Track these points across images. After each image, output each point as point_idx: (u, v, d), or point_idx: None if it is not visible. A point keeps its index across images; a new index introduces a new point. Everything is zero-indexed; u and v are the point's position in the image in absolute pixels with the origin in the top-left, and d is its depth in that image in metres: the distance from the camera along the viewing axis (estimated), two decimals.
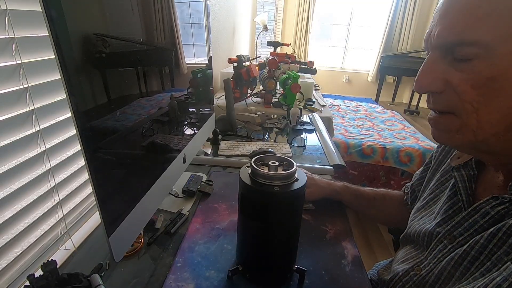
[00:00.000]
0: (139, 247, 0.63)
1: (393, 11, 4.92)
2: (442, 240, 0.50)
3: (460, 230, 0.48)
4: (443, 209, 0.53)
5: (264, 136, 1.34)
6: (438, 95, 0.43)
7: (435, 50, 0.42)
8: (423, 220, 0.58)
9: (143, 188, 0.56)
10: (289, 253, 0.57)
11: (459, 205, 0.50)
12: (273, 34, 5.21)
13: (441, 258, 0.49)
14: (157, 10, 0.64)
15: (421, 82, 0.43)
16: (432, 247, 0.52)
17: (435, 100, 0.44)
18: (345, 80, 5.65)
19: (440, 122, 0.44)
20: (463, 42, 0.38)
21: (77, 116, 0.36)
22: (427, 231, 0.54)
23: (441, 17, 0.40)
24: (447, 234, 0.50)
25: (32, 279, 0.44)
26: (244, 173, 0.52)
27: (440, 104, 0.43)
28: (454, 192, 0.52)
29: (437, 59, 0.42)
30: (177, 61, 0.78)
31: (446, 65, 0.41)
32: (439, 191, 0.58)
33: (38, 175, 0.58)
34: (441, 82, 0.41)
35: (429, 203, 0.60)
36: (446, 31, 0.39)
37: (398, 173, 2.19)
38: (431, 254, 0.51)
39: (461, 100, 0.40)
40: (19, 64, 0.52)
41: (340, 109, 3.41)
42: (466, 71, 0.39)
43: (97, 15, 0.44)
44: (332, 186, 0.80)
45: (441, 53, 0.41)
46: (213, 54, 2.07)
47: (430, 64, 0.42)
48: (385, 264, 0.73)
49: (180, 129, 0.81)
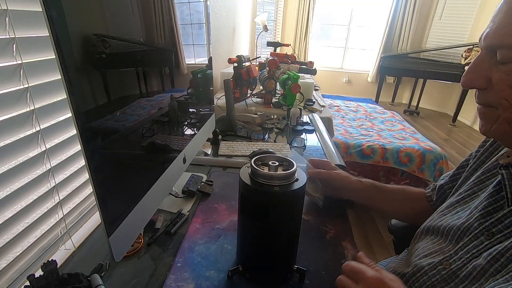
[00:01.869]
0: (139, 247, 0.63)
1: (393, 11, 4.93)
2: (478, 236, 0.50)
3: (499, 227, 0.48)
4: (482, 205, 0.52)
5: (264, 136, 1.34)
6: (482, 91, 0.47)
7: (484, 50, 0.46)
8: (457, 215, 0.58)
9: (143, 188, 0.56)
10: (289, 253, 0.57)
11: (501, 203, 0.50)
12: (273, 35, 5.21)
13: (476, 253, 0.49)
14: (157, 10, 0.64)
15: (466, 78, 0.47)
16: (466, 243, 0.51)
17: (479, 95, 0.48)
18: (345, 81, 5.65)
19: (484, 113, 0.49)
20: (504, 46, 0.42)
21: (77, 116, 0.36)
22: (461, 226, 0.53)
23: (491, 20, 0.44)
24: (484, 231, 0.49)
25: (32, 279, 0.44)
26: (244, 173, 0.52)
27: (484, 99, 0.47)
28: (498, 190, 0.51)
29: (484, 58, 0.46)
30: (177, 61, 0.78)
31: (491, 65, 0.45)
32: (477, 188, 0.58)
33: (38, 175, 0.58)
34: (485, 80, 0.45)
35: (465, 199, 0.59)
36: (491, 34, 0.43)
37: (398, 173, 2.19)
38: (463, 249, 0.51)
39: (498, 97, 0.44)
40: (20, 64, 0.52)
41: (340, 110, 3.41)
42: (505, 72, 0.43)
43: (98, 16, 0.44)
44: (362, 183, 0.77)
45: (488, 53, 0.45)
46: (213, 55, 2.07)
47: (477, 62, 0.46)
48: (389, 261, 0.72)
49: (180, 129, 0.81)
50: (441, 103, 5.02)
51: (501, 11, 0.43)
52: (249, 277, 0.57)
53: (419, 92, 4.79)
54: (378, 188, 0.78)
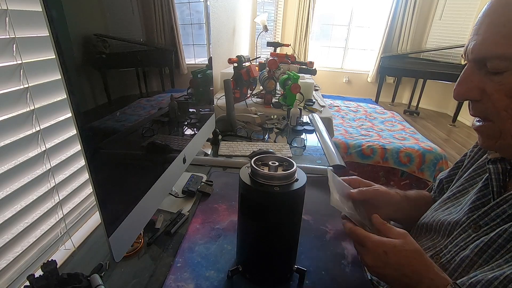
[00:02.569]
0: (139, 247, 0.63)
1: (393, 12, 4.93)
2: (466, 229, 0.51)
3: (486, 220, 0.49)
4: (471, 200, 0.54)
5: (264, 136, 1.34)
6: (476, 103, 0.47)
7: (471, 63, 0.46)
8: (448, 210, 0.59)
9: (143, 188, 0.56)
10: (289, 253, 0.57)
11: (489, 198, 0.51)
12: (273, 35, 5.21)
13: (464, 246, 0.50)
14: (157, 10, 0.64)
15: (458, 90, 0.48)
16: (454, 236, 0.53)
17: (474, 107, 0.48)
18: (345, 81, 5.65)
19: (483, 130, 0.49)
20: (494, 57, 0.42)
21: (77, 116, 0.36)
22: (451, 221, 0.55)
23: (475, 33, 0.45)
24: (472, 224, 0.51)
25: (32, 279, 0.44)
26: (244, 173, 0.52)
27: (478, 111, 0.48)
28: (486, 185, 0.53)
29: (473, 70, 0.46)
30: (177, 61, 0.78)
31: (481, 76, 0.45)
32: (468, 184, 0.60)
33: (38, 175, 0.58)
34: (478, 91, 0.46)
35: (455, 195, 0.61)
36: (478, 46, 0.44)
37: (397, 173, 2.19)
38: (452, 243, 0.52)
39: (496, 108, 0.44)
40: (20, 64, 0.52)
41: (340, 110, 3.42)
42: (499, 82, 0.43)
43: (98, 16, 0.44)
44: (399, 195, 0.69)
45: (476, 65, 0.46)
46: (213, 55, 2.07)
47: (467, 74, 0.47)
48: None
49: (180, 129, 0.81)
50: (441, 103, 5.03)
51: (484, 23, 0.43)
52: (249, 277, 0.57)
53: (419, 92, 4.79)
54: (407, 198, 0.72)
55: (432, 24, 4.86)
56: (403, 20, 4.93)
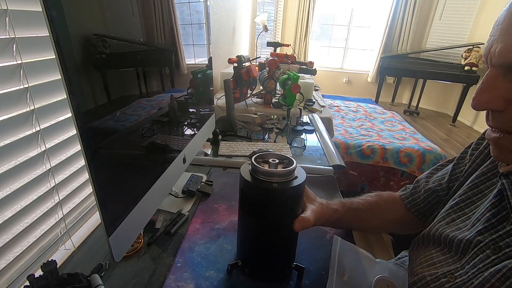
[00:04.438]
0: (139, 247, 0.63)
1: (393, 12, 4.93)
2: (484, 250, 0.46)
3: (507, 241, 0.44)
4: (485, 217, 0.48)
5: (264, 136, 1.34)
6: (499, 114, 0.41)
7: (497, 68, 0.40)
8: (455, 224, 0.54)
9: (143, 188, 0.56)
10: (288, 250, 0.57)
11: (504, 214, 0.46)
12: (273, 35, 5.21)
13: (483, 268, 0.45)
14: (157, 10, 0.64)
15: (479, 99, 0.41)
16: (471, 257, 0.48)
17: (495, 118, 0.42)
18: (345, 81, 5.65)
19: (502, 143, 0.43)
20: None
21: (77, 116, 0.36)
22: (463, 239, 0.50)
23: (503, 34, 0.38)
24: (490, 244, 0.46)
25: (32, 279, 0.44)
26: (244, 170, 0.53)
27: (501, 122, 0.42)
28: (499, 199, 0.48)
29: (498, 77, 0.40)
30: (177, 61, 0.78)
31: (508, 83, 0.39)
32: (472, 193, 0.55)
33: (38, 175, 0.58)
34: (503, 100, 0.40)
35: (459, 205, 0.56)
36: (508, 50, 0.37)
37: (398, 173, 2.19)
38: (470, 263, 0.48)
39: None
40: (20, 64, 0.52)
41: (340, 110, 3.41)
42: None
43: (98, 16, 0.44)
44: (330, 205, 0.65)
45: (503, 71, 0.39)
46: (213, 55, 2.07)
47: (490, 81, 0.40)
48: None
49: (180, 129, 0.81)
50: (441, 104, 5.03)
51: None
52: (248, 273, 0.57)
53: (419, 93, 4.79)
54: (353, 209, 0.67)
55: (432, 24, 4.86)
56: (403, 20, 4.93)
